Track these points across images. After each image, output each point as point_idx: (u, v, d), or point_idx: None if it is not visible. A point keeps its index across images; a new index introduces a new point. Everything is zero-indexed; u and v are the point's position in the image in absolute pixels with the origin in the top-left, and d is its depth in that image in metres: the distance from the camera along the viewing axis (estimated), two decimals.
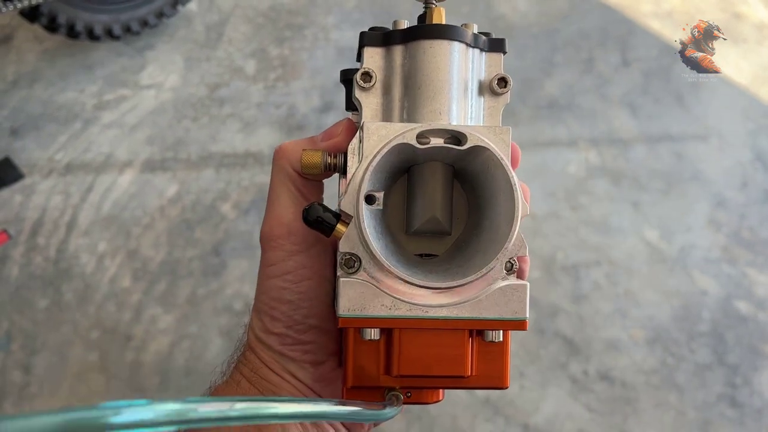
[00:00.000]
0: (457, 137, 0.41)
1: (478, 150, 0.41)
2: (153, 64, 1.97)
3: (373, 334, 0.42)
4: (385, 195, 0.44)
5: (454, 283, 0.41)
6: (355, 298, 0.41)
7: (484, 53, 0.44)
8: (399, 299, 0.41)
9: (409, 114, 0.43)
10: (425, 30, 0.43)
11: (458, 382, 0.43)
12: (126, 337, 1.51)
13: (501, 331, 0.42)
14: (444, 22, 0.44)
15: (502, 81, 0.44)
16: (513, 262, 0.42)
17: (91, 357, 1.48)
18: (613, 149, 1.92)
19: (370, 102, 0.44)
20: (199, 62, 1.99)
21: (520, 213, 0.41)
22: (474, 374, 0.43)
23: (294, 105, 1.93)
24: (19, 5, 1.58)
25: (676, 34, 2.22)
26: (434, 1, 0.45)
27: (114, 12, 1.85)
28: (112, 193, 1.71)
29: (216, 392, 0.47)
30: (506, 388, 0.44)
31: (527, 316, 0.42)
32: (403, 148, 0.41)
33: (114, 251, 1.62)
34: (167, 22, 2.00)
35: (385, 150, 0.41)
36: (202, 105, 1.91)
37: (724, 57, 2.15)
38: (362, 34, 0.45)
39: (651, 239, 1.77)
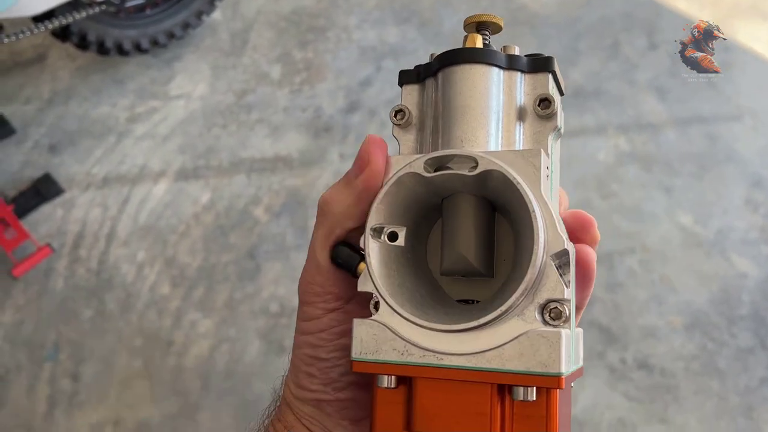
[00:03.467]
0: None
1: (494, 175, 0.36)
2: (181, 75, 2.01)
3: (389, 382, 0.38)
4: (420, 233, 0.41)
5: (464, 326, 0.35)
6: (367, 340, 0.38)
7: (525, 75, 0.40)
8: (411, 343, 0.37)
9: (437, 145, 0.40)
10: (451, 55, 0.40)
11: None
12: (167, 342, 1.55)
13: (533, 389, 0.35)
14: (479, 46, 0.40)
15: (545, 102, 0.39)
16: (555, 307, 0.35)
17: (136, 363, 1.53)
18: (643, 135, 1.90)
19: (406, 139, 0.42)
20: (225, 70, 2.03)
21: (541, 242, 0.35)
22: None
23: (320, 107, 1.95)
24: (50, 26, 1.63)
25: (704, 13, 2.18)
26: (488, 35, 0.42)
27: (141, 26, 1.90)
28: (148, 203, 1.76)
29: None
30: None
31: (562, 370, 0.34)
32: (422, 179, 0.38)
33: (152, 260, 1.67)
34: (193, 32, 2.04)
35: (392, 181, 0.38)
36: (230, 112, 1.94)
37: (754, 35, 2.10)
38: (400, 73, 0.43)
39: (686, 224, 1.74)
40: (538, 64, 0.40)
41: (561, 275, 0.35)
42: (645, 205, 1.77)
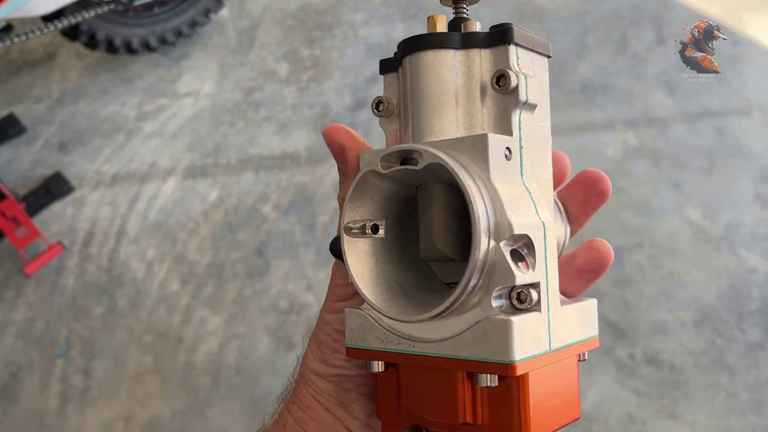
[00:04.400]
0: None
1: (439, 166, 0.35)
2: (189, 73, 2.02)
3: (379, 366, 0.39)
4: (405, 222, 0.41)
5: (424, 317, 0.36)
6: (356, 329, 0.40)
7: (485, 51, 0.38)
8: (390, 331, 0.38)
9: (407, 136, 0.40)
10: (405, 44, 0.39)
11: (466, 429, 0.37)
12: (177, 339, 1.56)
13: (494, 376, 0.34)
14: (442, 30, 0.39)
15: (502, 78, 0.37)
16: (521, 292, 0.35)
17: (146, 360, 1.54)
18: (651, 129, 1.89)
19: (390, 129, 0.42)
20: (233, 68, 2.04)
21: (481, 229, 0.34)
22: (484, 423, 0.36)
23: (327, 104, 1.96)
24: (59, 25, 1.65)
25: (713, 7, 2.17)
26: (465, 7, 0.40)
27: (149, 25, 1.91)
28: (157, 201, 1.77)
29: None
30: None
31: (514, 358, 0.33)
32: (383, 176, 0.38)
33: (162, 257, 1.68)
34: (200, 30, 2.05)
35: (357, 180, 0.38)
36: (238, 110, 1.95)
37: (763, 28, 2.09)
38: (380, 62, 0.42)
39: (694, 219, 1.74)
40: (495, 38, 0.38)
41: (515, 261, 0.35)
42: (653, 200, 1.77)
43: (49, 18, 1.65)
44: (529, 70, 0.38)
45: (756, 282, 1.64)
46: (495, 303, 0.35)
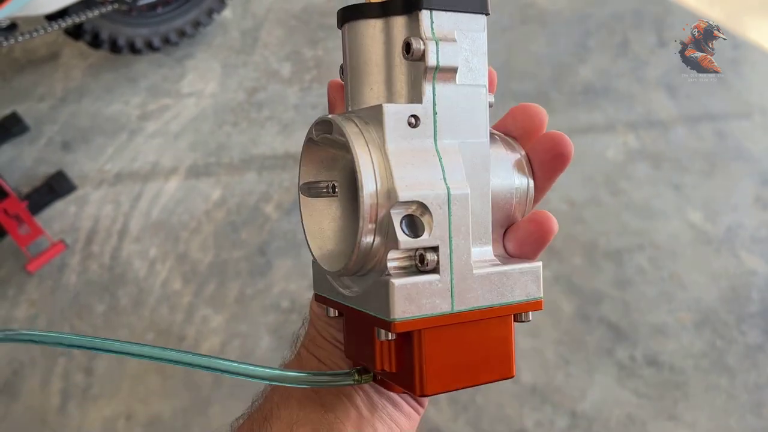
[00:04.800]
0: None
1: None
2: (192, 73, 2.03)
3: (333, 312, 0.43)
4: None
5: (336, 271, 0.39)
6: (317, 278, 0.44)
7: (403, 18, 0.38)
8: (332, 283, 0.42)
9: (348, 102, 0.42)
10: (338, 15, 0.40)
11: (387, 375, 0.40)
12: (179, 338, 1.57)
13: (383, 332, 0.37)
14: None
15: (408, 46, 0.37)
16: (420, 254, 0.36)
17: None
18: (653, 132, 1.90)
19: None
20: (236, 68, 2.04)
21: (366, 195, 0.36)
22: (397, 372, 0.39)
23: None
24: (63, 24, 1.65)
25: (713, 10, 2.17)
26: None
27: (153, 25, 1.91)
28: (160, 200, 1.78)
29: (287, 366, 0.49)
30: (423, 395, 0.37)
31: (394, 316, 0.35)
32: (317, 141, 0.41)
33: (164, 256, 1.69)
34: (204, 30, 2.06)
35: (303, 143, 0.42)
36: (241, 110, 1.96)
37: (764, 32, 2.10)
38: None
39: (695, 221, 1.74)
40: (408, 3, 0.37)
41: (409, 225, 0.36)
42: (654, 202, 1.77)
43: (53, 17, 1.66)
44: (451, 32, 0.38)
45: (756, 284, 1.65)
46: (390, 264, 0.37)
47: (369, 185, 0.36)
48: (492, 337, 0.39)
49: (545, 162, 0.43)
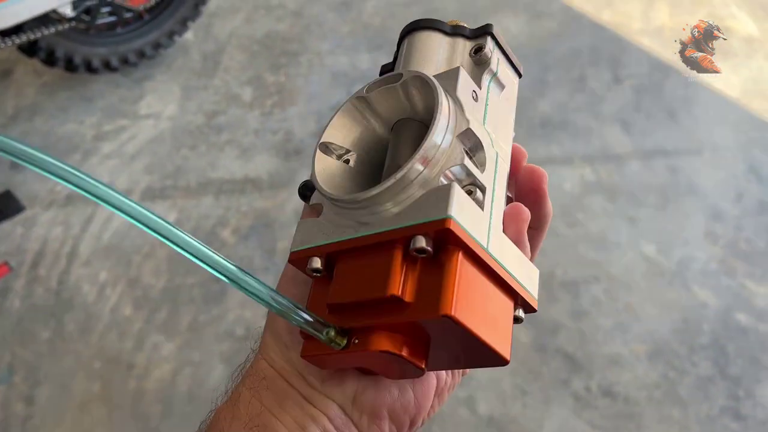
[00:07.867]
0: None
1: (417, 84, 0.39)
2: (151, 95, 2.00)
3: (317, 262, 0.38)
4: (375, 162, 0.43)
5: (369, 194, 0.36)
6: (303, 234, 0.40)
7: (468, 40, 0.45)
8: (337, 225, 0.39)
9: None
10: (407, 27, 0.46)
11: (392, 311, 0.35)
12: (128, 365, 1.51)
13: (430, 239, 0.34)
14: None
15: (479, 50, 0.43)
16: (468, 187, 0.37)
17: (94, 387, 1.48)
18: (608, 165, 1.94)
19: None
20: (196, 91, 2.02)
21: (443, 113, 0.37)
22: (411, 301, 0.35)
23: (290, 130, 1.95)
24: (17, 40, 1.61)
25: (667, 51, 2.25)
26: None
27: (111, 45, 1.88)
28: (112, 223, 1.73)
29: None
30: (446, 316, 0.33)
31: (451, 213, 0.33)
32: (364, 102, 0.42)
33: (115, 280, 1.63)
34: (164, 52, 2.03)
35: (344, 107, 0.42)
36: (200, 133, 1.93)
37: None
38: (381, 67, 0.47)
39: (649, 253, 1.78)
40: (478, 31, 0.45)
41: (467, 151, 0.37)
42: (609, 234, 1.81)
43: (6, 33, 1.62)
44: (502, 70, 0.44)
45: (706, 316, 1.68)
46: (443, 180, 0.36)
47: (445, 109, 0.37)
48: (499, 307, 0.38)
49: (524, 194, 0.45)
